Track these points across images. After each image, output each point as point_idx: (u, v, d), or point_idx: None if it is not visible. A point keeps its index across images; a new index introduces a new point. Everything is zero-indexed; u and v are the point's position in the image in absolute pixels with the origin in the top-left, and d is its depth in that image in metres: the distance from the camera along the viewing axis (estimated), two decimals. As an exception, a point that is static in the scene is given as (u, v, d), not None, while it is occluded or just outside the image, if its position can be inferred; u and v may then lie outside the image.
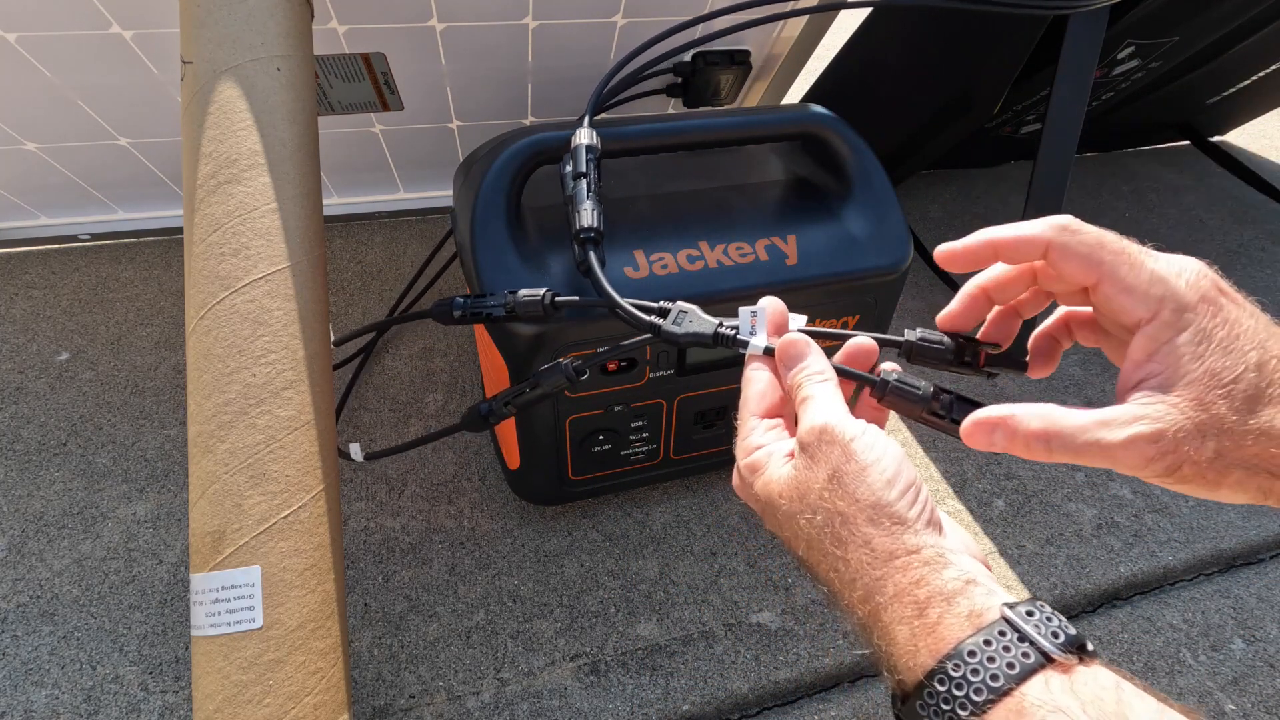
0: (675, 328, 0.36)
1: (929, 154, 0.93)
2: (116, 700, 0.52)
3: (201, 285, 0.40)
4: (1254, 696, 0.56)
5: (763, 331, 0.34)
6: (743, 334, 0.34)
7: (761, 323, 0.34)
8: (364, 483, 0.67)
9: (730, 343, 0.35)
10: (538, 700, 0.53)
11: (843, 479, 0.27)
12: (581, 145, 0.46)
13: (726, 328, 0.35)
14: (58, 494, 0.64)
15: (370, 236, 0.95)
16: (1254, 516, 0.69)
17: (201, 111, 0.41)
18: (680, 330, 0.36)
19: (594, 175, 0.45)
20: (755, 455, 0.32)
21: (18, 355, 0.76)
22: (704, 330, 0.36)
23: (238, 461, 0.39)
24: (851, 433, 0.28)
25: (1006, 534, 0.67)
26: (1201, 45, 0.87)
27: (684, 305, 0.37)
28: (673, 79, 0.80)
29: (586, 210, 0.44)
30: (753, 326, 0.34)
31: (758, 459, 0.31)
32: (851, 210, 0.55)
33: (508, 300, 0.45)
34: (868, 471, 0.27)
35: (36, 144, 0.73)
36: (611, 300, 0.40)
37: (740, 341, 0.34)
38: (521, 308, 0.45)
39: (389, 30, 0.66)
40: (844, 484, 0.27)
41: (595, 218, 0.44)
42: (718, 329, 0.35)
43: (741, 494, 0.33)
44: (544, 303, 0.44)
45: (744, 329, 0.35)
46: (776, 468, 0.30)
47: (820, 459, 0.28)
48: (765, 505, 0.31)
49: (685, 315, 0.37)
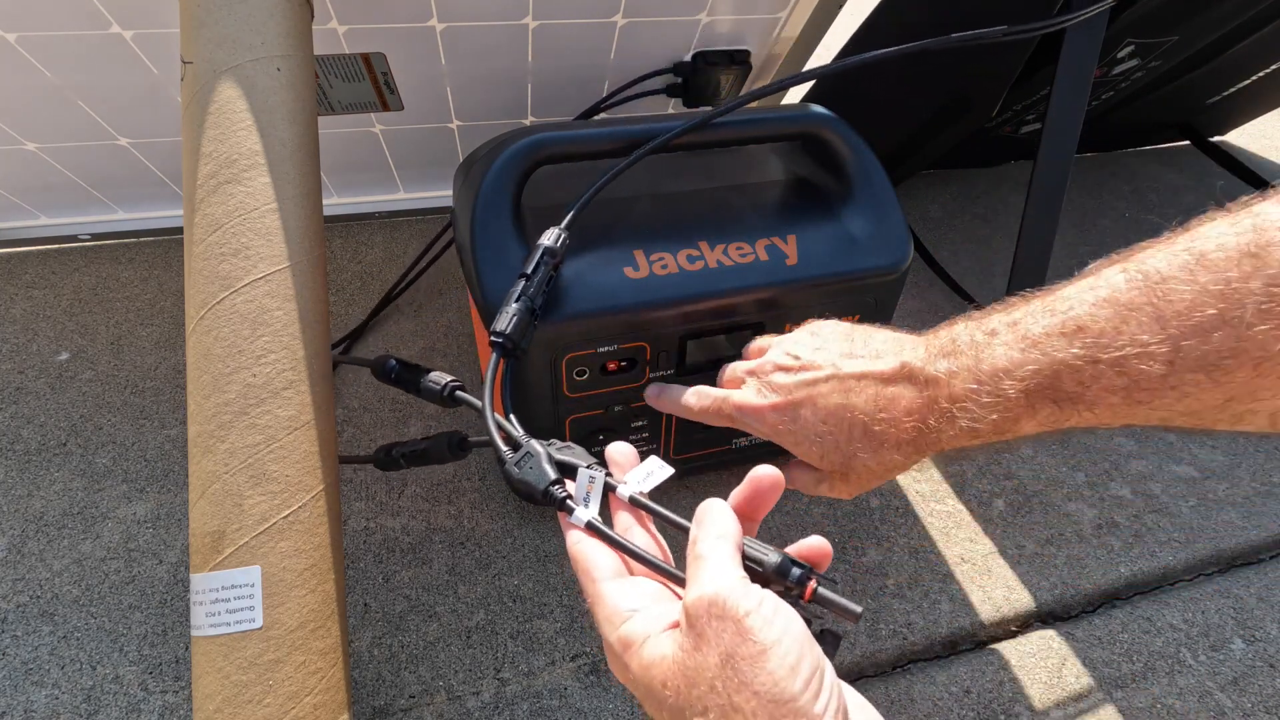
0: (514, 469, 0.34)
1: (929, 154, 0.93)
2: (116, 700, 0.52)
3: (201, 285, 0.40)
4: (1254, 696, 0.56)
5: (595, 504, 0.32)
6: (577, 498, 0.32)
7: (597, 493, 0.32)
8: (364, 483, 0.67)
9: (559, 505, 0.32)
10: (538, 700, 0.53)
11: (738, 665, 0.23)
12: (541, 246, 0.44)
13: (559, 490, 0.32)
14: (58, 494, 0.64)
15: (370, 236, 0.95)
16: (1254, 516, 0.69)
17: (201, 111, 0.41)
18: (517, 474, 0.34)
19: (541, 277, 0.44)
20: (628, 627, 0.27)
21: (18, 355, 0.76)
22: (536, 484, 0.33)
23: (238, 461, 0.39)
24: (746, 606, 0.24)
25: (1006, 534, 0.67)
26: (1201, 45, 0.87)
27: (535, 447, 0.34)
28: (673, 79, 0.80)
29: (506, 314, 0.42)
30: (588, 494, 0.32)
31: (630, 633, 0.27)
32: (851, 210, 0.55)
33: (423, 383, 0.48)
34: (767, 656, 0.23)
35: (36, 144, 0.73)
36: (484, 416, 0.38)
37: (567, 508, 0.32)
38: (425, 392, 0.48)
39: (389, 30, 0.66)
40: (740, 671, 0.23)
41: (512, 325, 0.42)
42: (548, 487, 0.32)
43: (617, 674, 0.28)
44: (443, 393, 0.47)
45: (579, 493, 0.32)
46: (655, 646, 0.26)
47: (710, 638, 0.24)
48: (645, 691, 0.26)
49: (530, 459, 0.34)
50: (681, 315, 0.50)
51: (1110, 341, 0.25)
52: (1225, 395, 0.24)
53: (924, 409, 0.32)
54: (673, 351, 0.53)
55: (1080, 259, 1.00)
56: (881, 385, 0.34)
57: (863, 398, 0.34)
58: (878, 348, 0.35)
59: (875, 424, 0.34)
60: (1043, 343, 0.27)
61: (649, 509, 0.32)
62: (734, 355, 0.55)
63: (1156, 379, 0.25)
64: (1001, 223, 1.06)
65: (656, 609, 0.28)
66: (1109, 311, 0.26)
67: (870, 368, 0.35)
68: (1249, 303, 0.22)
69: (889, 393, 0.33)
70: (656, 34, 0.74)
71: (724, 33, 0.76)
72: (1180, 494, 0.71)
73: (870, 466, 0.35)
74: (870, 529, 0.66)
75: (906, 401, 0.33)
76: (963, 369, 0.30)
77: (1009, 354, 0.29)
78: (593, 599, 0.29)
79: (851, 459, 0.35)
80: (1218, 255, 0.23)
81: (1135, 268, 0.26)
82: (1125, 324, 0.25)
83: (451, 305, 0.86)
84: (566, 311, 0.47)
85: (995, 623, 0.60)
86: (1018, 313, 0.30)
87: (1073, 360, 0.26)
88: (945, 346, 0.32)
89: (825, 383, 0.36)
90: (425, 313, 0.85)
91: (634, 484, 0.32)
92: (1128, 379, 0.25)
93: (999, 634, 0.60)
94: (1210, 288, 0.23)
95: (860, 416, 0.34)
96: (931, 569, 0.63)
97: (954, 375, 0.31)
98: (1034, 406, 0.28)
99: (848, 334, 0.38)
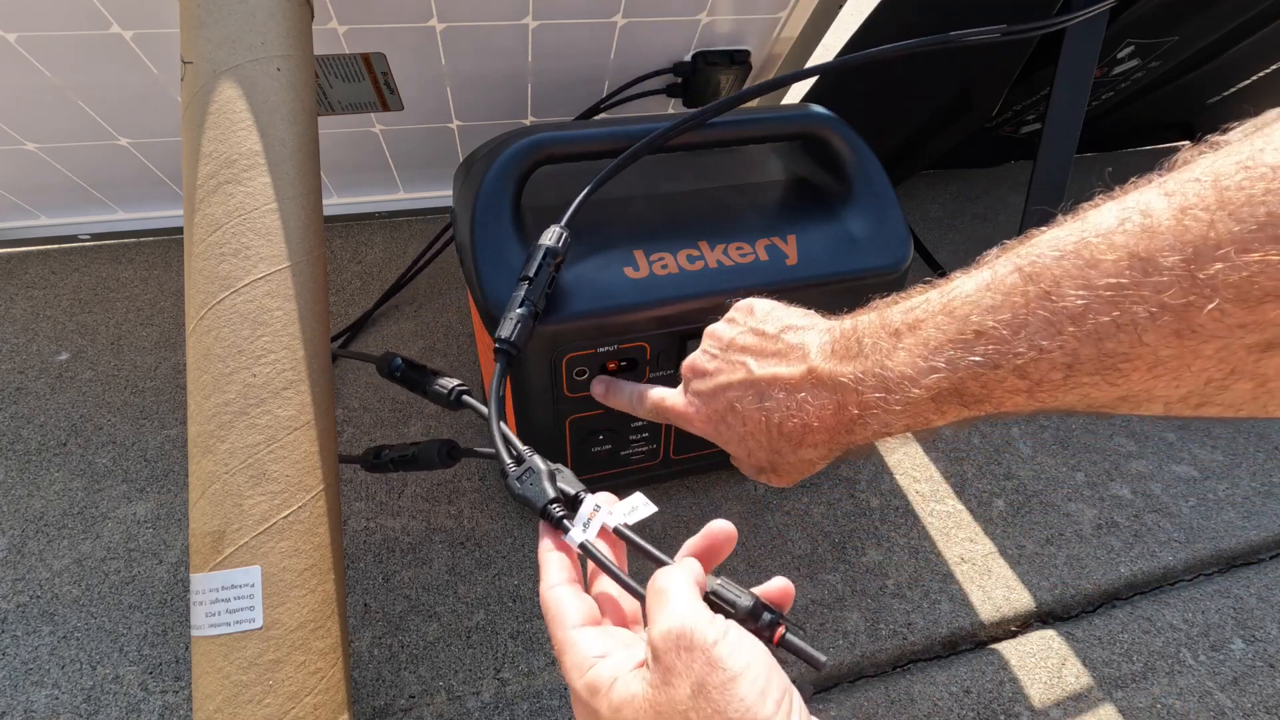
0: (516, 483, 0.35)
1: (929, 154, 0.93)
2: (116, 700, 0.52)
3: (201, 285, 0.40)
4: (1254, 696, 0.56)
5: (593, 530, 0.33)
6: (577, 520, 0.33)
7: (597, 522, 0.33)
8: (364, 483, 0.67)
9: (555, 523, 0.33)
10: (538, 700, 0.53)
11: (709, 694, 0.24)
12: (542, 246, 0.44)
13: (557, 507, 0.33)
14: (58, 494, 0.64)
15: (370, 236, 0.95)
16: (1254, 516, 0.70)
17: (201, 111, 0.41)
18: (518, 489, 0.35)
19: (543, 279, 0.44)
20: (596, 671, 0.27)
21: (18, 355, 0.76)
22: (535, 501, 0.34)
23: (238, 461, 0.39)
24: (714, 635, 0.25)
25: (1006, 534, 0.67)
26: (1201, 45, 0.87)
27: (537, 463, 0.36)
28: (673, 79, 0.80)
29: (510, 320, 0.42)
30: (589, 520, 0.33)
31: (599, 676, 0.27)
32: (851, 210, 0.55)
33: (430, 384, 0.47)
34: (737, 683, 0.24)
35: (36, 144, 0.73)
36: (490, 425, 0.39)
37: (564, 527, 0.33)
38: (432, 393, 0.47)
39: (389, 30, 0.66)
40: (711, 700, 0.24)
41: (516, 332, 0.42)
42: (547, 505, 0.34)
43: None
44: (449, 397, 0.46)
45: (581, 514, 0.33)
46: (624, 686, 0.26)
47: (680, 671, 0.24)
48: None
49: (531, 475, 0.35)
50: (681, 315, 0.50)
51: (1010, 349, 0.26)
52: (1121, 393, 0.24)
53: (834, 415, 0.33)
54: (673, 351, 0.53)
55: (1080, 259, 1.00)
56: (790, 390, 0.34)
57: (774, 402, 0.35)
58: (787, 344, 0.36)
59: (788, 427, 0.35)
60: (944, 349, 0.28)
61: (631, 541, 0.33)
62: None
63: (1057, 382, 0.25)
64: (1001, 223, 1.06)
65: (624, 653, 0.28)
66: (1007, 316, 0.26)
67: (779, 371, 0.35)
68: (1139, 310, 0.22)
69: (798, 398, 0.34)
70: (656, 34, 0.74)
71: (724, 33, 0.76)
72: (1180, 494, 0.71)
73: (792, 463, 0.37)
74: (870, 529, 0.66)
75: (815, 408, 0.33)
76: (868, 374, 0.31)
77: (913, 361, 0.29)
78: (560, 646, 0.29)
79: (776, 456, 0.37)
80: (1107, 258, 0.23)
81: (1029, 266, 0.25)
82: (1023, 328, 0.25)
83: (451, 305, 0.86)
84: (566, 312, 0.47)
85: (995, 623, 0.60)
86: (918, 310, 0.30)
87: (975, 368, 0.27)
88: (849, 346, 0.32)
89: (739, 387, 0.37)
90: (425, 313, 0.85)
91: (619, 517, 0.34)
92: (1029, 381, 0.26)
93: (999, 634, 0.60)
94: (1103, 294, 0.23)
95: (774, 419, 0.35)
96: (931, 569, 0.63)
97: (860, 382, 0.31)
98: (942, 408, 0.29)
99: (761, 321, 0.39)
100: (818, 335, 0.35)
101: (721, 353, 0.39)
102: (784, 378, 0.35)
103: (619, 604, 0.34)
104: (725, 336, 0.40)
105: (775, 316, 0.39)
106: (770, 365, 0.36)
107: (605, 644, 0.28)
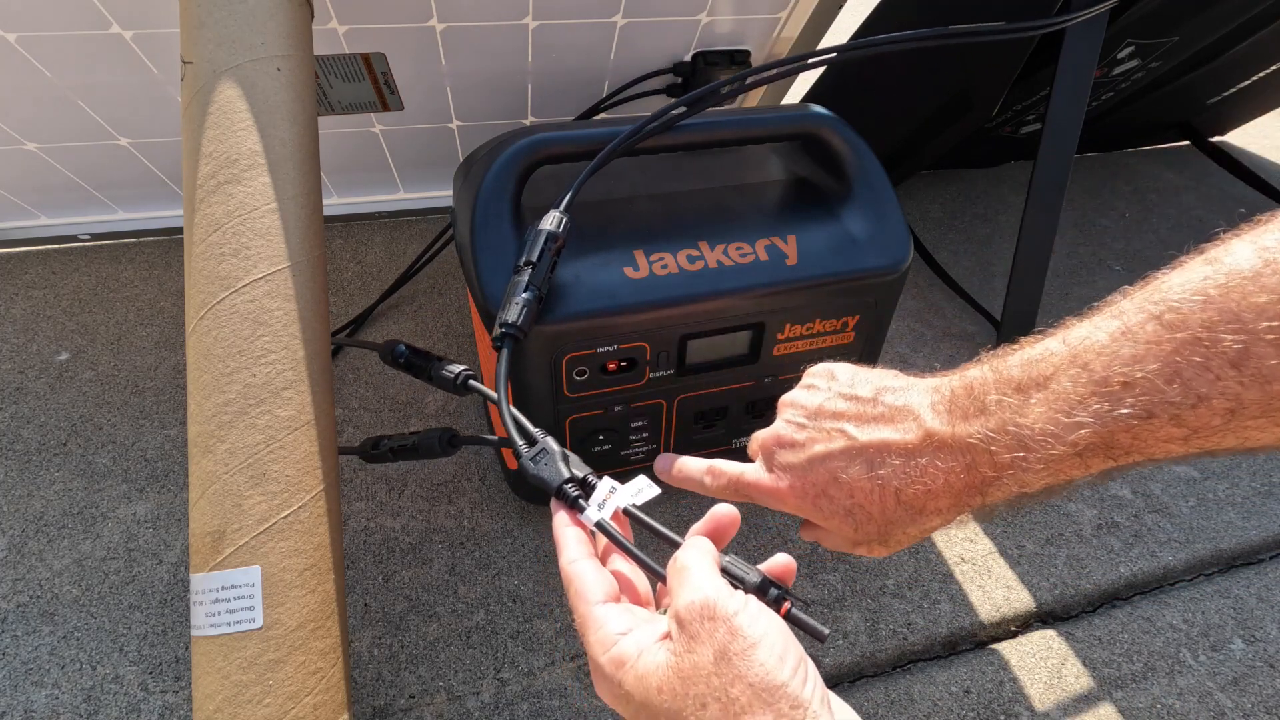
0: (530, 464, 0.35)
1: (929, 154, 0.93)
2: (116, 700, 0.52)
3: (201, 285, 0.40)
4: (1254, 696, 0.56)
5: (609, 510, 0.33)
6: (593, 500, 0.33)
7: (612, 503, 0.33)
8: (364, 483, 0.67)
9: (570, 503, 0.33)
10: (538, 700, 0.53)
11: (731, 659, 0.25)
12: (543, 231, 0.43)
13: (573, 487, 0.34)
14: (58, 494, 0.64)
15: (370, 236, 0.95)
16: (1254, 517, 0.70)
17: (201, 111, 0.41)
18: (533, 470, 0.35)
19: (546, 263, 0.43)
20: (620, 646, 0.28)
21: (18, 355, 0.76)
22: (551, 480, 0.34)
23: (238, 461, 0.39)
24: (735, 607, 0.26)
25: (1006, 534, 0.67)
26: (1201, 45, 0.87)
27: (552, 445, 0.36)
28: (673, 79, 0.80)
29: (515, 305, 0.41)
30: (605, 501, 0.33)
31: (623, 651, 0.28)
32: (851, 210, 0.55)
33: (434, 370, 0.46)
34: (757, 649, 0.25)
35: (36, 144, 0.73)
36: (500, 408, 0.38)
37: (579, 507, 0.33)
38: (438, 379, 0.46)
39: (389, 30, 0.66)
40: (733, 665, 0.25)
41: (522, 315, 0.41)
42: (562, 485, 0.34)
43: (605, 696, 0.29)
44: (456, 381, 0.45)
45: (597, 496, 0.33)
46: (650, 657, 0.27)
47: (704, 639, 0.26)
48: (639, 705, 0.27)
49: (545, 456, 0.35)
50: (681, 315, 0.50)
51: (1164, 398, 0.25)
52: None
53: (963, 479, 0.31)
54: (673, 351, 0.53)
55: (1080, 259, 1.00)
56: (908, 456, 0.32)
57: (889, 469, 0.32)
58: (890, 406, 0.34)
59: (908, 495, 0.32)
60: (1088, 403, 0.26)
61: (641, 521, 0.33)
62: (735, 356, 0.56)
63: (1217, 427, 0.24)
64: (1001, 223, 1.06)
65: (647, 628, 0.29)
66: (1156, 366, 0.25)
67: (889, 436, 0.33)
68: None
69: (919, 464, 0.32)
70: (656, 34, 0.74)
71: (724, 33, 0.76)
72: (1180, 494, 0.71)
73: (910, 533, 0.34)
74: (870, 529, 0.66)
75: (942, 473, 0.31)
76: (999, 433, 0.29)
77: (1052, 416, 0.27)
78: (583, 621, 0.30)
79: (889, 526, 0.34)
80: (1259, 299, 0.23)
81: (1169, 314, 0.25)
82: (1177, 377, 0.24)
83: (451, 305, 0.86)
84: (566, 311, 0.47)
85: (995, 623, 0.60)
86: (1042, 363, 0.28)
87: (1126, 420, 0.26)
88: (966, 406, 0.30)
89: (841, 456, 0.34)
90: (425, 312, 0.85)
91: (625, 498, 0.34)
92: (1186, 429, 0.25)
93: (999, 634, 0.60)
94: (1265, 337, 0.23)
95: (891, 487, 0.33)
96: (931, 569, 0.63)
97: (991, 441, 0.29)
98: (1087, 462, 0.27)
99: (849, 385, 0.36)
100: (923, 395, 0.33)
101: (811, 421, 0.36)
102: (897, 443, 0.32)
103: (633, 582, 0.34)
104: (811, 404, 0.37)
105: (864, 379, 0.36)
106: (876, 430, 0.33)
107: (628, 620, 0.29)
